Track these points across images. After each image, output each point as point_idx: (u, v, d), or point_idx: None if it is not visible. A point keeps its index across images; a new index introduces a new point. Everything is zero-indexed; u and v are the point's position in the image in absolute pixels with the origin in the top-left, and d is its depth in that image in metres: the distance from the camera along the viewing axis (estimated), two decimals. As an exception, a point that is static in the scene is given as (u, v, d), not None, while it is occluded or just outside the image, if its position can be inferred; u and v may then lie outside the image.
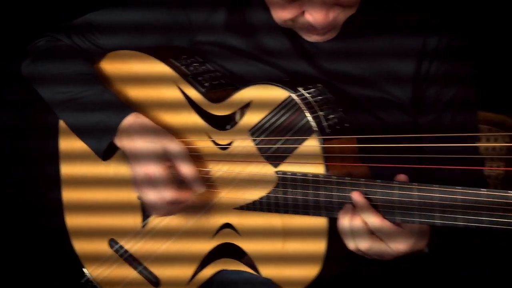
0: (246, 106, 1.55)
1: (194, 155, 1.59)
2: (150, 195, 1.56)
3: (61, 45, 1.76)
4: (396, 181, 1.38)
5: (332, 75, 1.61)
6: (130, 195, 1.70)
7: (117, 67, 1.72)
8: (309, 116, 1.47)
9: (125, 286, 1.74)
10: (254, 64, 1.66)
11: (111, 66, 1.72)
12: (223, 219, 1.60)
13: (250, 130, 1.54)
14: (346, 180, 1.42)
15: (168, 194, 1.55)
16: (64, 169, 1.82)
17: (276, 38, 1.65)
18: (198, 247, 1.63)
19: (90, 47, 1.75)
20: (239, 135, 1.55)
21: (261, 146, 1.53)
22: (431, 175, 1.45)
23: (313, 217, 1.48)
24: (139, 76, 1.68)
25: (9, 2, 2.54)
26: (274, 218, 1.53)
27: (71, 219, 1.83)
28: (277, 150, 1.51)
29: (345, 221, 1.41)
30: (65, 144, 1.81)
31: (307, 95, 1.50)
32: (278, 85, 1.50)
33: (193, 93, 1.62)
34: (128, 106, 1.65)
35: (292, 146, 1.49)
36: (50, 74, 1.71)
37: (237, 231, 1.58)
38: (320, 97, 1.51)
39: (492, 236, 1.51)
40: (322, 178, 1.45)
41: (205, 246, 1.62)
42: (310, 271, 1.48)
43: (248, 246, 1.58)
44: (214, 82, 1.64)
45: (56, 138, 1.81)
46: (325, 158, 1.46)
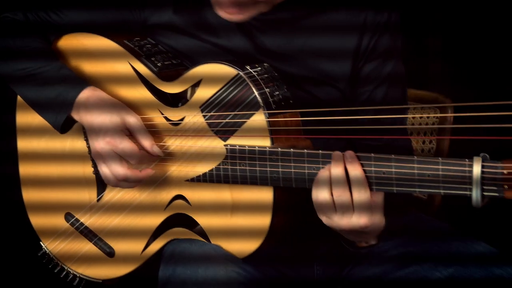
0: (197, 84, 1.65)
1: (149, 131, 1.69)
2: (106, 169, 1.65)
3: (18, 23, 1.82)
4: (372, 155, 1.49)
5: (271, 52, 1.71)
6: (86, 170, 1.79)
7: (74, 49, 1.79)
8: (256, 92, 1.58)
9: (81, 257, 1.83)
10: (201, 43, 1.75)
11: (68, 48, 1.80)
12: (175, 191, 1.70)
13: (201, 106, 1.64)
14: (290, 151, 1.54)
15: (120, 171, 1.64)
16: (21, 144, 1.89)
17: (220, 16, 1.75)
18: (151, 218, 1.73)
19: (46, 25, 1.81)
20: (190, 111, 1.66)
21: (211, 121, 1.63)
22: (367, 147, 1.58)
23: (260, 191, 1.59)
24: (95, 57, 1.76)
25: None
26: (224, 189, 1.63)
27: (28, 194, 1.90)
28: (226, 125, 1.62)
29: (325, 186, 1.50)
30: (22, 119, 1.87)
31: (254, 73, 1.61)
32: (227, 64, 1.61)
33: (147, 72, 1.71)
34: (85, 80, 1.73)
35: (240, 121, 1.60)
36: (9, 51, 1.78)
37: (189, 202, 1.68)
38: (266, 75, 1.62)
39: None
40: (268, 150, 1.56)
41: (158, 217, 1.72)
42: (258, 235, 1.60)
43: (199, 216, 1.68)
44: (166, 62, 1.74)
45: (13, 114, 1.88)
46: (271, 132, 1.58)
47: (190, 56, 1.75)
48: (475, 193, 1.39)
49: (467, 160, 1.41)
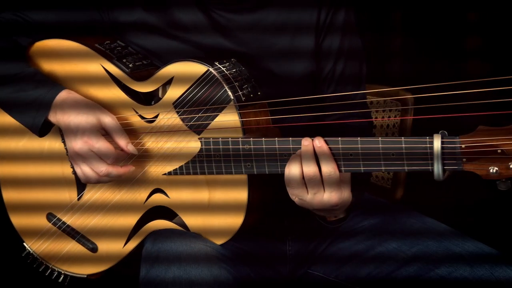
0: (169, 82, 1.74)
1: (124, 129, 1.76)
2: (86, 167, 1.72)
3: None
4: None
5: (245, 46, 1.81)
6: (65, 170, 1.85)
7: (47, 55, 1.85)
8: (226, 87, 1.68)
9: (65, 255, 1.89)
10: (171, 41, 1.83)
11: (41, 54, 1.85)
12: (154, 185, 1.78)
13: (174, 103, 1.72)
14: (262, 140, 1.64)
15: (102, 168, 1.71)
16: (0, 145, 1.94)
17: (191, 13, 1.83)
18: (132, 213, 1.81)
19: (19, 23, 1.85)
20: (164, 109, 1.74)
21: (184, 117, 1.72)
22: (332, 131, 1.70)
23: (235, 180, 1.68)
24: (68, 61, 1.83)
25: None
26: (200, 180, 1.72)
27: (8, 195, 1.95)
28: (199, 119, 1.70)
29: (296, 170, 1.59)
30: (0, 120, 1.92)
31: (223, 69, 1.70)
32: (197, 61, 1.70)
33: (119, 73, 1.79)
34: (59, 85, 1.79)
35: (213, 114, 1.69)
36: None
37: (167, 195, 1.77)
38: (234, 70, 1.71)
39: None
40: (241, 140, 1.65)
41: (138, 211, 1.80)
42: (235, 221, 1.69)
43: (178, 208, 1.76)
44: (137, 63, 1.82)
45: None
46: (243, 123, 1.67)
47: (161, 55, 1.83)
48: (437, 168, 1.51)
49: (428, 138, 1.52)
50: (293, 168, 1.61)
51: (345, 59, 1.88)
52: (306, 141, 1.59)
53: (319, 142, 1.58)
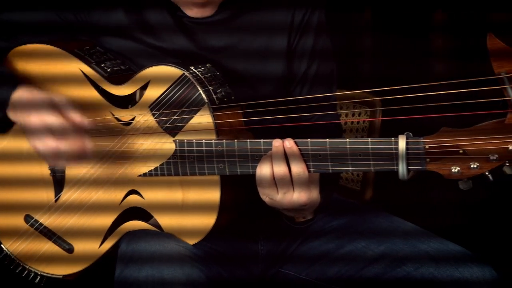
0: (145, 86, 1.79)
1: (101, 132, 1.81)
2: (41, 143, 1.72)
3: None
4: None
5: (209, 50, 1.86)
6: (43, 172, 1.90)
7: (25, 61, 1.89)
8: (201, 90, 1.73)
9: (41, 256, 1.93)
10: (144, 47, 1.88)
11: (20, 59, 1.89)
12: (129, 187, 1.82)
13: (150, 106, 1.78)
14: (234, 141, 1.68)
15: (52, 142, 1.70)
16: None
17: (160, 15, 1.87)
18: (107, 214, 1.85)
19: None
20: (140, 111, 1.79)
21: (160, 119, 1.77)
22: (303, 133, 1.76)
23: (208, 181, 1.73)
24: (46, 66, 1.87)
25: None
26: (174, 182, 1.77)
27: None
28: (174, 122, 1.75)
29: (266, 165, 1.66)
30: None
31: (198, 73, 1.76)
32: (172, 65, 1.76)
33: (97, 77, 1.84)
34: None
35: (187, 117, 1.74)
36: None
37: (142, 196, 1.81)
38: (209, 74, 1.77)
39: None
40: (214, 142, 1.71)
41: (114, 212, 1.84)
42: (208, 221, 1.74)
43: (152, 209, 1.81)
44: (115, 68, 1.87)
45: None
46: (216, 125, 1.72)
47: (137, 60, 1.88)
48: (401, 168, 1.56)
49: (393, 139, 1.58)
50: (264, 168, 1.66)
51: (318, 61, 1.94)
52: (277, 142, 1.65)
53: (289, 143, 1.64)
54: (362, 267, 1.82)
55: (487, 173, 1.52)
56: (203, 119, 1.73)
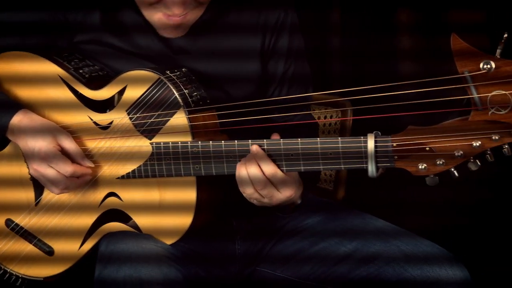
0: (123, 90, 1.83)
1: (79, 136, 1.85)
2: (49, 173, 1.81)
3: None
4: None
5: (196, 72, 1.88)
6: (23, 175, 1.93)
7: (4, 68, 1.94)
8: (176, 94, 1.78)
9: (22, 259, 1.96)
10: (127, 59, 1.92)
11: None
12: (108, 189, 1.86)
13: (127, 110, 1.82)
14: (209, 143, 1.73)
15: (68, 168, 1.80)
16: None
17: (145, 36, 1.92)
18: (87, 216, 1.89)
19: None
20: (118, 115, 1.83)
21: (137, 122, 1.81)
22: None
23: (184, 182, 1.78)
24: (25, 72, 1.91)
25: None
26: (151, 183, 1.81)
27: None
28: (151, 124, 1.80)
29: (243, 171, 1.71)
30: None
31: (174, 77, 1.80)
32: (149, 70, 1.81)
33: (75, 83, 1.88)
34: (17, 103, 1.88)
35: (164, 120, 1.79)
36: None
37: (120, 198, 1.86)
38: (185, 78, 1.82)
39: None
40: (190, 144, 1.75)
41: (93, 215, 1.88)
42: (185, 221, 1.78)
43: (130, 210, 1.85)
44: (94, 74, 1.91)
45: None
46: (191, 128, 1.77)
47: (114, 65, 1.92)
48: (370, 165, 1.62)
49: (362, 137, 1.63)
50: (242, 171, 1.72)
51: (294, 62, 1.99)
52: (253, 147, 1.71)
53: (254, 148, 1.70)
54: (335, 263, 1.87)
55: (453, 169, 1.58)
56: (179, 122, 1.78)
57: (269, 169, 1.69)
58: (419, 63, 2.97)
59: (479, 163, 1.56)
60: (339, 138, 1.66)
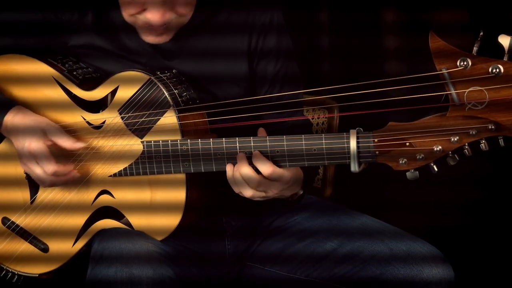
0: (115, 91, 1.89)
1: (73, 136, 1.90)
2: (35, 170, 1.87)
3: None
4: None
5: (185, 74, 1.94)
6: (18, 174, 1.98)
7: (0, 69, 2.00)
8: (166, 93, 1.83)
9: (18, 256, 2.01)
10: (119, 62, 1.98)
11: None
12: (100, 187, 1.92)
13: (119, 110, 1.88)
14: (198, 141, 1.79)
15: (50, 167, 1.86)
16: None
17: (135, 37, 1.96)
18: (80, 213, 1.94)
19: None
20: (110, 115, 1.89)
21: (128, 122, 1.87)
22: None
23: (174, 179, 1.83)
24: (21, 74, 1.97)
25: None
26: (143, 181, 1.87)
27: None
28: (142, 124, 1.85)
29: (237, 174, 1.76)
30: None
31: (164, 77, 1.86)
32: (140, 70, 1.87)
33: (69, 84, 1.94)
34: (12, 100, 1.94)
35: (154, 119, 1.84)
36: None
37: (113, 196, 1.91)
38: (175, 79, 1.88)
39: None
40: (179, 142, 1.81)
41: (86, 212, 1.93)
42: (175, 218, 1.83)
43: (122, 207, 1.90)
44: (87, 76, 1.97)
45: None
46: (181, 126, 1.83)
47: (106, 68, 1.97)
48: (353, 161, 1.66)
49: (345, 134, 1.68)
50: (235, 174, 1.77)
51: (283, 63, 2.03)
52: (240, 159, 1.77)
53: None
54: (322, 258, 1.92)
55: (432, 164, 1.63)
56: (169, 121, 1.83)
57: (266, 169, 1.74)
58: (409, 62, 3.01)
59: (458, 158, 1.62)
60: (323, 135, 1.71)
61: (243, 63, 1.99)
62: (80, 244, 1.94)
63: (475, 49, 1.58)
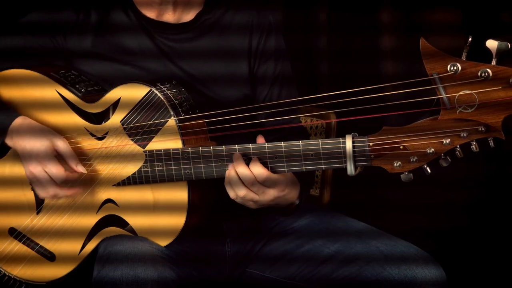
0: (117, 103, 1.95)
1: (77, 147, 1.96)
2: (38, 190, 1.94)
3: None
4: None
5: (186, 72, 2.03)
6: (24, 182, 2.02)
7: (5, 84, 2.04)
8: (167, 104, 1.89)
9: (25, 265, 2.06)
10: (121, 67, 2.05)
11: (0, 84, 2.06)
12: (104, 196, 1.97)
13: (121, 121, 1.93)
14: (199, 149, 1.85)
15: (52, 190, 1.92)
16: None
17: (139, 40, 2.05)
18: (86, 222, 2.00)
19: None
20: (113, 127, 1.95)
21: (131, 132, 1.92)
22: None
23: (176, 186, 1.89)
24: (25, 89, 2.02)
25: None
26: (145, 189, 1.93)
27: None
28: (144, 133, 1.91)
29: (232, 173, 1.82)
30: None
31: (164, 89, 1.92)
32: (141, 83, 1.93)
33: (72, 97, 2.00)
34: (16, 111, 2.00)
35: (156, 129, 1.90)
36: None
37: (117, 204, 1.96)
38: (175, 90, 1.94)
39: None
40: (181, 151, 1.87)
41: (91, 220, 1.99)
42: (178, 223, 1.89)
43: (126, 215, 1.96)
44: (89, 89, 2.03)
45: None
46: (182, 135, 1.88)
47: (111, 80, 2.02)
48: (349, 164, 1.72)
49: (341, 139, 1.74)
50: (231, 172, 1.83)
51: (282, 63, 2.11)
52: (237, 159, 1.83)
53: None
54: (320, 264, 1.98)
55: (425, 166, 1.69)
56: (170, 130, 1.89)
57: (258, 169, 1.79)
58: (407, 63, 3.05)
59: (450, 160, 1.68)
60: (320, 140, 1.77)
61: (244, 64, 2.06)
62: (86, 252, 2.00)
63: (465, 54, 1.64)
